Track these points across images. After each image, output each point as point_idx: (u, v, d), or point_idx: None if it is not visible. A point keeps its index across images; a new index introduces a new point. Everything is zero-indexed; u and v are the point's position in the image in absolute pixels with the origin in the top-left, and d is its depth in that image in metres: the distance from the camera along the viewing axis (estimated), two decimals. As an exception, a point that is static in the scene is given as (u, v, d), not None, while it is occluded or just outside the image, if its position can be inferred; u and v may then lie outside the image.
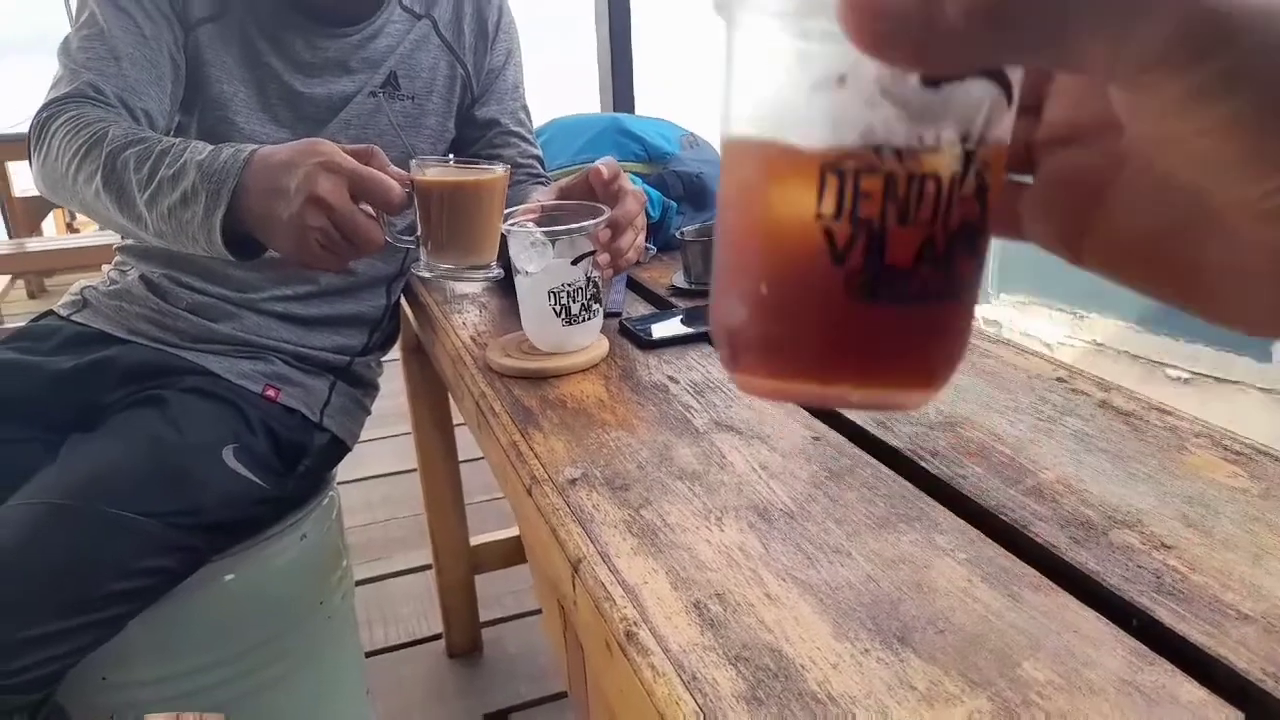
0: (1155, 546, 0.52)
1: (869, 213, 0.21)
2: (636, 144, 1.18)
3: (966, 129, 0.21)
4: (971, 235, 0.22)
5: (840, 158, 0.21)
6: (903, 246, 0.22)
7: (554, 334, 0.80)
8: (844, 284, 0.22)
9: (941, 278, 0.22)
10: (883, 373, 0.23)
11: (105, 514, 0.84)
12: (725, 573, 0.51)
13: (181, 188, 0.77)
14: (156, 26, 0.94)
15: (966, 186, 0.21)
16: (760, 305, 0.23)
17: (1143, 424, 0.66)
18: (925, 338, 0.23)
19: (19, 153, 3.25)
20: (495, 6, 1.12)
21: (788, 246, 0.22)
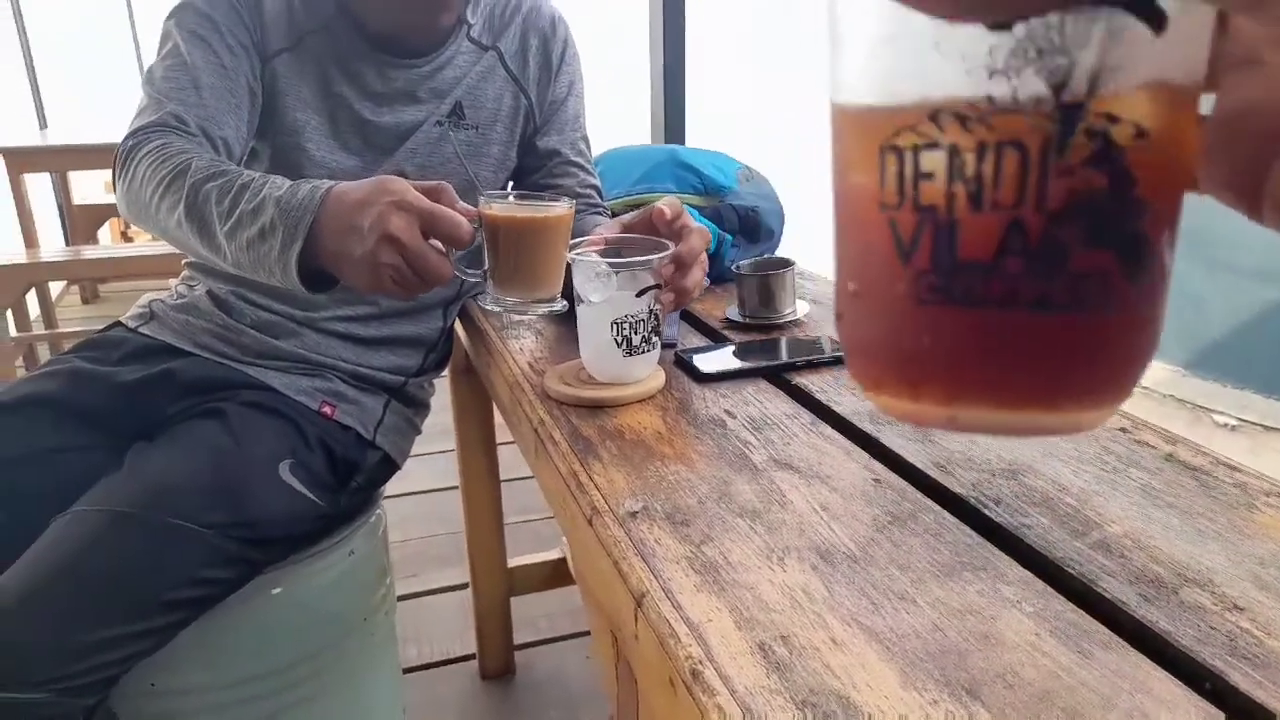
0: (1228, 608, 0.51)
1: (932, 197, 0.18)
2: (694, 176, 1.20)
3: (1062, 77, 0.16)
4: (1098, 218, 0.17)
5: (896, 131, 0.18)
6: (979, 237, 0.17)
7: (614, 364, 0.81)
8: (914, 286, 0.18)
9: (1045, 278, 0.17)
10: (975, 393, 0.19)
11: (167, 524, 0.86)
12: (789, 614, 0.51)
13: (260, 222, 0.80)
14: (236, 58, 0.98)
15: (1074, 152, 0.17)
16: (850, 307, 0.20)
17: (1211, 479, 0.65)
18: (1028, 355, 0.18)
19: (81, 162, 3.35)
20: (560, 40, 1.15)
21: (864, 240, 0.19)
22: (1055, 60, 0.16)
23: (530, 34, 1.13)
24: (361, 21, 1.03)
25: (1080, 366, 0.18)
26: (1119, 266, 0.17)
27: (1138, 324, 0.18)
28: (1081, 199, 0.17)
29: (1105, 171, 0.17)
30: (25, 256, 2.80)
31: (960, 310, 0.18)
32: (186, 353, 1.05)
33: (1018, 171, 0.17)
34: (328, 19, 1.03)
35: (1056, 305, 0.17)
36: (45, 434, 0.97)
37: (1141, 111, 0.17)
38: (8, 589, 0.81)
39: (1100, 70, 0.16)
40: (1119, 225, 0.17)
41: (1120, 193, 0.17)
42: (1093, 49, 0.16)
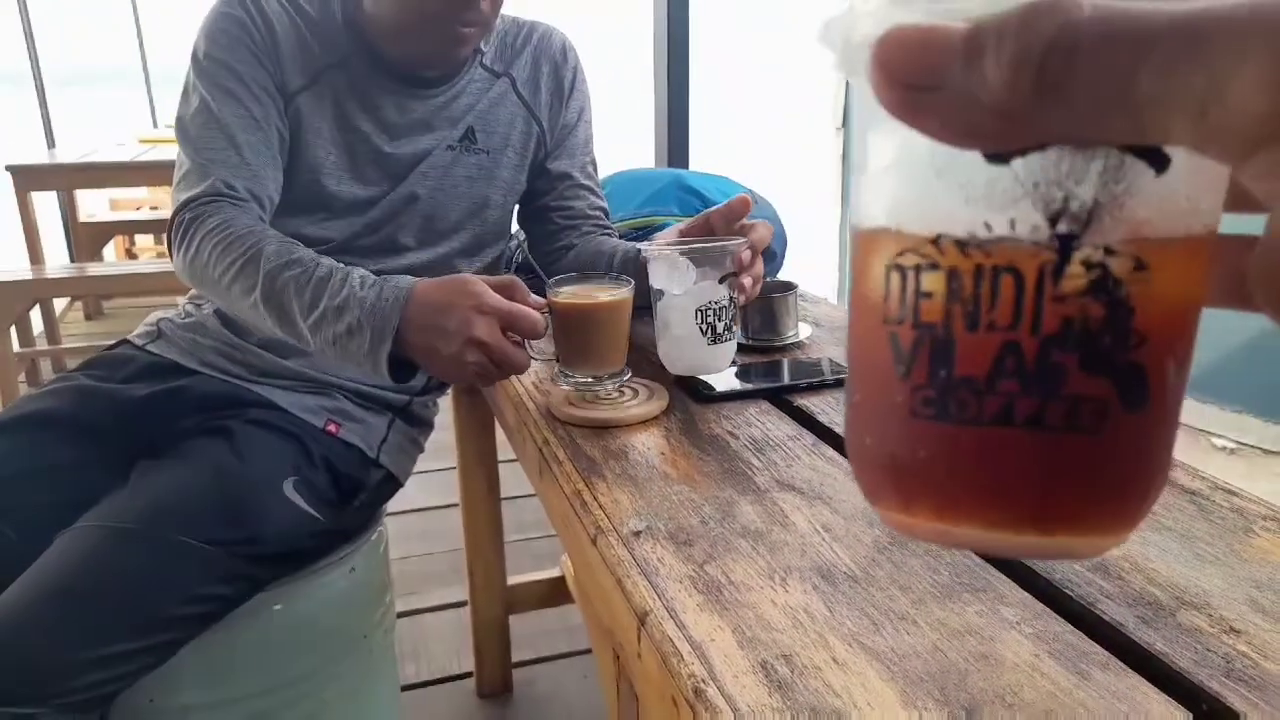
0: (1225, 630, 0.52)
1: (931, 315, 0.18)
2: (698, 200, 1.21)
3: (1058, 209, 0.17)
4: (1093, 346, 0.17)
5: (900, 251, 0.18)
6: (974, 356, 0.18)
7: (698, 354, 0.83)
8: (909, 399, 0.19)
9: (1038, 399, 0.18)
10: (965, 511, 0.19)
11: (171, 540, 0.86)
12: (791, 634, 0.51)
13: (346, 321, 0.83)
14: (264, 106, 1.00)
15: (1069, 282, 0.17)
16: (855, 414, 0.21)
17: (1209, 504, 0.66)
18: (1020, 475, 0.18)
19: (87, 180, 3.38)
20: (571, 67, 1.17)
21: (868, 352, 0.20)
22: (1051, 193, 0.17)
23: (542, 61, 1.15)
24: (379, 54, 1.05)
25: (1073, 490, 0.18)
26: (1116, 393, 0.18)
27: (1135, 451, 0.19)
28: (1077, 326, 0.17)
29: (1102, 301, 0.17)
30: (30, 272, 2.82)
31: (953, 427, 0.18)
32: (193, 371, 1.06)
33: (1013, 296, 0.17)
34: (345, 53, 1.04)
35: (1049, 427, 0.18)
36: (51, 451, 0.98)
37: (1143, 246, 0.17)
38: (11, 604, 0.82)
39: (1098, 205, 0.17)
40: (1116, 353, 0.17)
41: (1118, 324, 0.17)
42: (1090, 184, 0.17)
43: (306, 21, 1.03)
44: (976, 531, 0.19)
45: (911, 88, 0.16)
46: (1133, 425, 0.18)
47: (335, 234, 1.06)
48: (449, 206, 1.10)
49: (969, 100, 0.15)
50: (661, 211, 1.22)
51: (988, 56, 0.15)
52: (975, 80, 0.15)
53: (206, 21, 1.01)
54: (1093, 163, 0.16)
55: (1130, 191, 0.17)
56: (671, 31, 1.82)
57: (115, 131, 4.24)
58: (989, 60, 0.15)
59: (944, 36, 0.15)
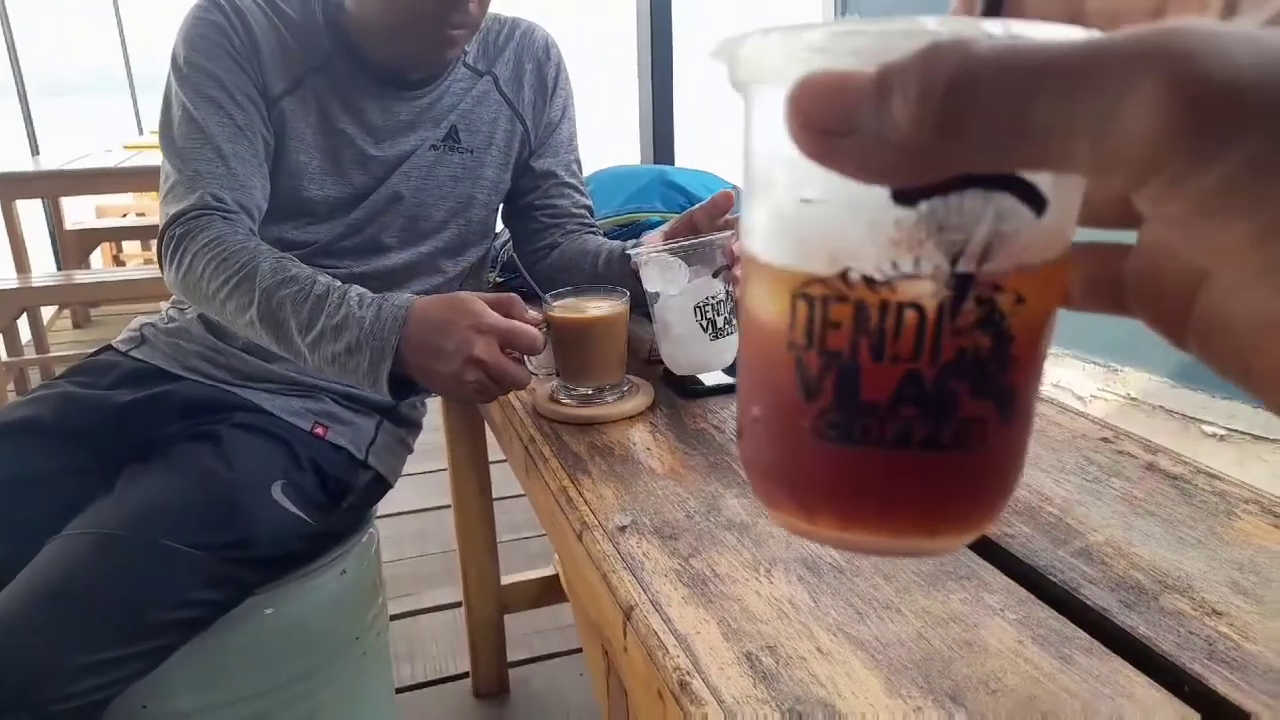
0: (1207, 613, 0.52)
1: (837, 344, 0.19)
2: (682, 196, 1.21)
3: (957, 250, 0.18)
4: (981, 373, 0.19)
5: (808, 282, 0.19)
6: (878, 384, 0.19)
7: (700, 351, 0.83)
8: (814, 421, 0.20)
9: (934, 422, 0.19)
10: (865, 521, 0.21)
11: (159, 545, 0.86)
12: (776, 625, 0.52)
13: (345, 340, 0.84)
14: (247, 113, 0.99)
15: (964, 316, 0.18)
16: (751, 431, 0.22)
17: (1191, 488, 0.66)
18: (914, 490, 0.20)
19: (72, 187, 3.36)
20: (554, 64, 1.16)
21: (770, 373, 0.21)
22: (953, 235, 0.18)
23: (525, 59, 1.15)
24: (362, 55, 1.04)
25: (959, 499, 0.20)
26: (996, 413, 0.19)
27: (1008, 459, 0.21)
28: (969, 357, 0.19)
29: (990, 334, 0.19)
30: (17, 281, 2.80)
31: (857, 447, 0.20)
32: (178, 376, 1.06)
33: (915, 330, 0.18)
34: (327, 55, 1.04)
35: (943, 446, 0.19)
36: (37, 458, 0.97)
37: (1022, 281, 0.18)
38: (1, 612, 0.81)
39: (990, 245, 0.18)
40: (998, 378, 0.19)
41: (1001, 351, 0.19)
42: (985, 226, 0.18)
43: (286, 24, 1.03)
44: (873, 538, 0.21)
45: (828, 132, 0.16)
46: (1006, 436, 0.20)
47: (318, 236, 1.06)
48: (432, 206, 1.10)
49: (880, 141, 0.16)
50: (645, 208, 1.22)
51: (895, 97, 0.15)
52: (885, 121, 0.15)
53: (185, 26, 1.00)
54: (988, 206, 0.18)
55: (1016, 232, 0.18)
56: (655, 27, 1.82)
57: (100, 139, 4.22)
58: (896, 100, 0.15)
59: (856, 81, 0.16)
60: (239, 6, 1.00)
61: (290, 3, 1.04)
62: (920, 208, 0.18)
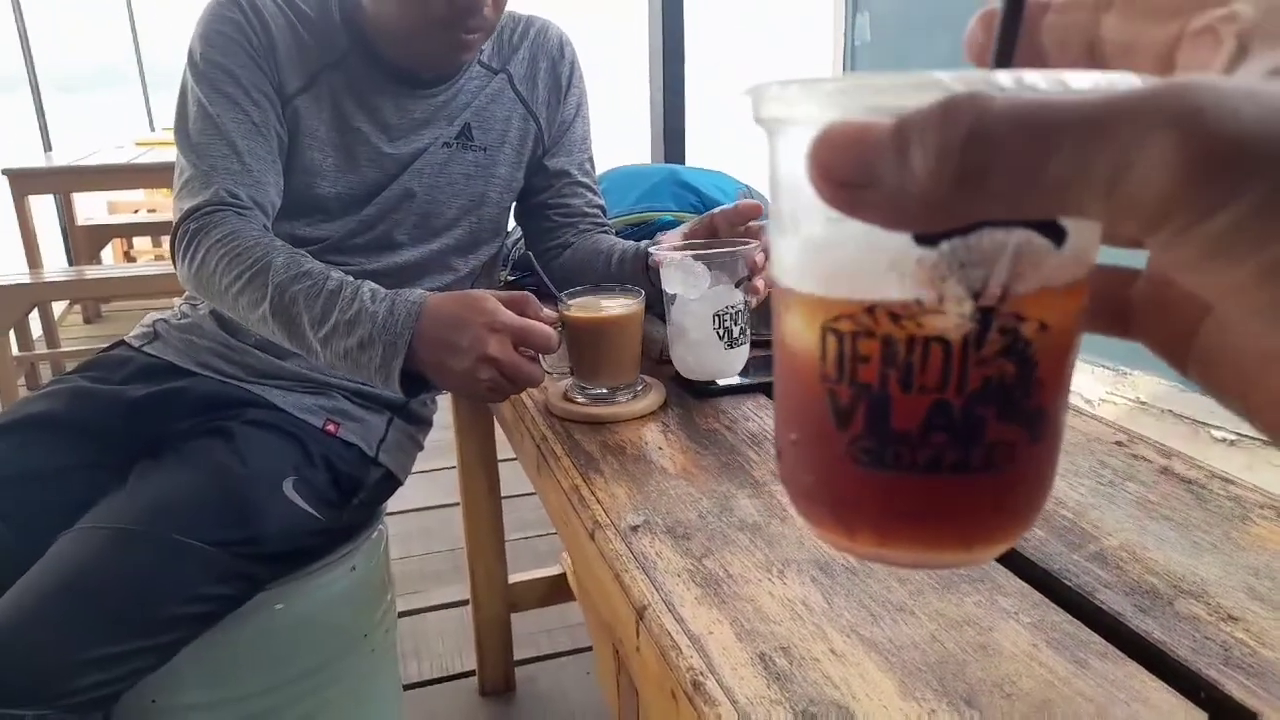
0: (1222, 618, 0.52)
1: (867, 377, 0.20)
2: (693, 195, 1.21)
3: (979, 286, 0.19)
4: (1007, 399, 0.20)
5: (837, 317, 0.20)
6: (908, 414, 0.20)
7: (715, 358, 0.83)
8: (848, 448, 0.21)
9: (964, 448, 0.20)
10: (903, 539, 0.22)
11: (172, 540, 0.86)
12: (789, 626, 0.52)
13: (358, 335, 0.84)
14: (262, 110, 0.99)
15: (989, 347, 0.19)
16: (791, 453, 0.23)
17: (1205, 492, 0.66)
18: (949, 510, 0.21)
19: (84, 183, 3.38)
20: (568, 62, 1.16)
21: (805, 400, 0.21)
22: (974, 272, 0.19)
23: (539, 57, 1.15)
24: (378, 54, 1.04)
25: (992, 515, 0.21)
26: (1024, 434, 0.20)
27: (1038, 474, 0.21)
28: (994, 384, 0.19)
29: (1014, 361, 0.19)
30: (29, 276, 2.81)
31: (890, 472, 0.20)
32: (190, 372, 1.06)
33: (942, 362, 0.19)
34: (343, 52, 1.04)
35: (973, 469, 0.20)
36: (49, 453, 0.98)
37: (1044, 309, 0.19)
38: (12, 605, 0.82)
39: (1011, 279, 0.19)
40: (1025, 402, 0.20)
41: (1026, 376, 0.20)
42: (1005, 262, 0.18)
43: (303, 21, 1.03)
44: (909, 553, 0.22)
45: (848, 184, 0.17)
46: (1035, 454, 0.21)
47: (330, 233, 1.06)
48: (445, 203, 1.10)
49: (900, 191, 0.16)
50: (657, 207, 1.22)
51: (913, 150, 0.16)
52: (904, 173, 0.16)
53: (202, 23, 1.00)
54: (1008, 244, 0.18)
55: (1037, 264, 0.19)
56: (666, 27, 1.82)
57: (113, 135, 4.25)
58: (915, 154, 0.16)
59: (874, 134, 0.16)
60: (256, 4, 1.00)
61: (308, 0, 1.04)
62: (941, 247, 0.18)
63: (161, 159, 3.48)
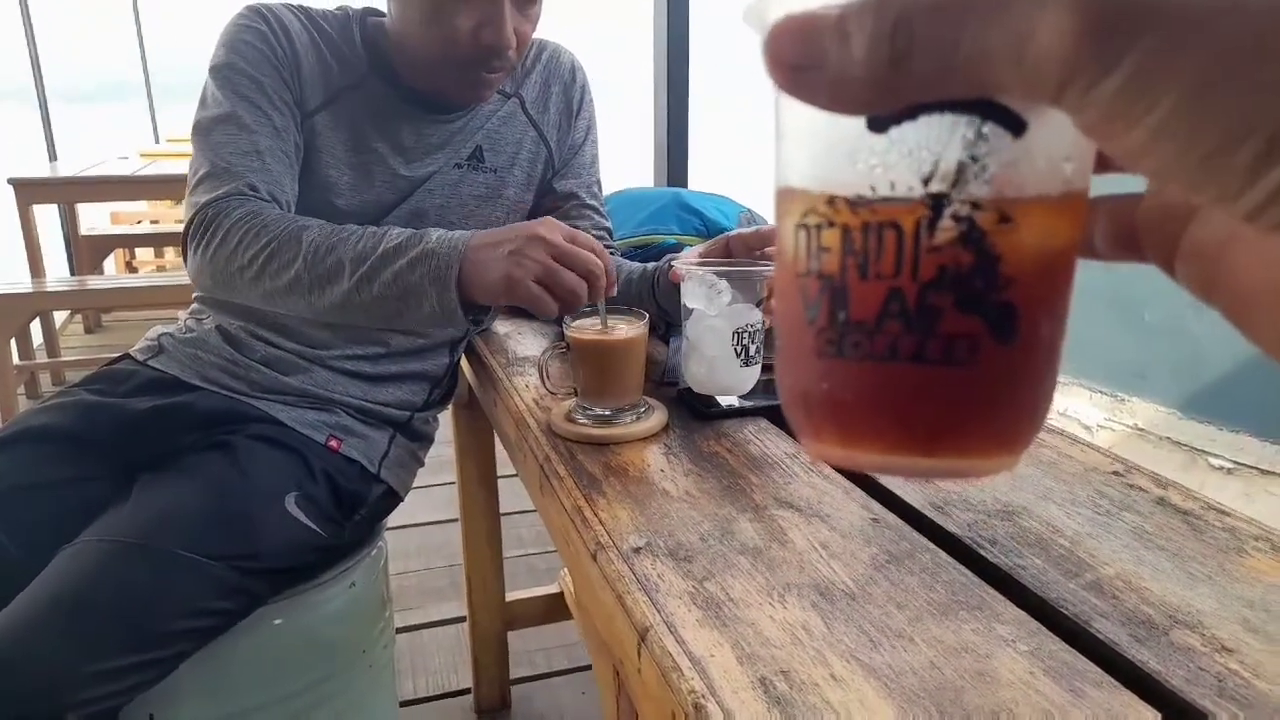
0: (1217, 649, 0.53)
1: (830, 267, 0.21)
2: (696, 218, 1.23)
3: (928, 171, 0.19)
4: (966, 289, 0.20)
5: (806, 212, 0.21)
6: (864, 301, 0.20)
7: (731, 375, 0.84)
8: (815, 342, 0.21)
9: (919, 336, 0.20)
10: (865, 436, 0.22)
11: (175, 555, 0.87)
12: (790, 650, 0.52)
13: (409, 255, 0.87)
14: (284, 117, 1.00)
15: (942, 234, 0.19)
16: (779, 360, 0.24)
17: (1201, 524, 0.67)
18: (907, 403, 0.21)
19: (88, 194, 3.39)
20: (579, 86, 1.18)
21: (788, 301, 0.22)
22: (922, 158, 0.19)
23: (551, 81, 1.16)
24: (397, 78, 1.06)
25: (953, 415, 0.21)
26: (987, 330, 0.20)
27: (1008, 380, 0.21)
28: (950, 272, 0.20)
29: (971, 250, 0.20)
30: (31, 285, 2.83)
31: (848, 363, 0.21)
32: (194, 386, 1.07)
33: (895, 247, 0.20)
34: (363, 75, 1.05)
35: (930, 360, 0.20)
36: (53, 465, 0.98)
37: (1006, 202, 0.19)
38: (14, 619, 0.82)
39: (963, 166, 0.19)
40: (986, 294, 0.20)
41: (986, 269, 0.20)
42: (955, 149, 0.19)
43: (326, 41, 1.05)
44: (876, 456, 0.22)
45: (797, 68, 0.18)
46: (1005, 357, 0.20)
47: None
48: (455, 224, 1.11)
49: (842, 74, 0.18)
50: (662, 230, 1.23)
51: (853, 36, 0.18)
52: (846, 58, 0.18)
53: (227, 34, 1.02)
54: (956, 129, 0.19)
55: (992, 154, 0.19)
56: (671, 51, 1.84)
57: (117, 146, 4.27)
58: (854, 39, 0.17)
59: (820, 22, 0.18)
60: (281, 19, 1.02)
61: (330, 21, 1.06)
62: (891, 133, 0.19)
63: (165, 171, 3.50)
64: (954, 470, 0.22)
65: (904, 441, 0.21)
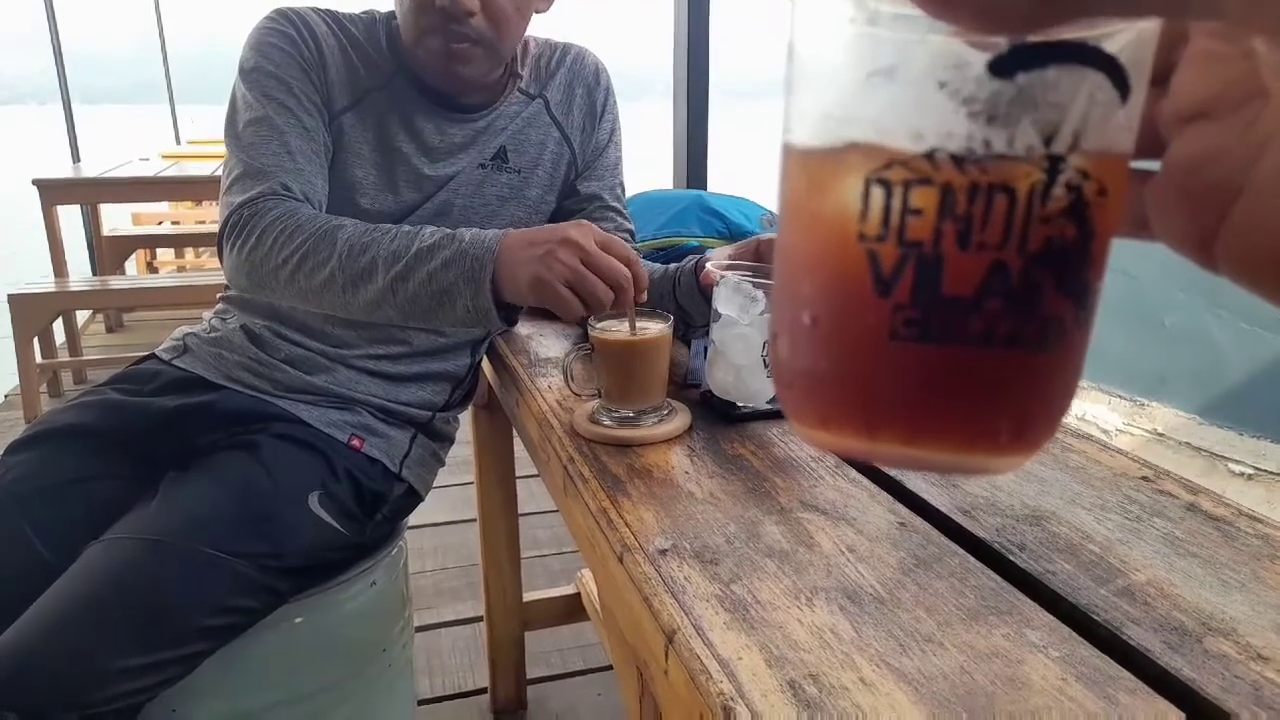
0: (1252, 657, 0.52)
1: (920, 233, 0.18)
2: (719, 221, 1.22)
3: (1052, 129, 0.17)
4: (1066, 266, 0.18)
5: (886, 165, 0.18)
6: (963, 276, 0.18)
7: (756, 383, 0.84)
8: (890, 319, 0.18)
9: (1019, 318, 0.18)
10: (939, 431, 0.19)
11: (200, 552, 0.88)
12: (819, 654, 0.52)
13: (442, 256, 0.88)
14: (313, 118, 1.02)
15: (1054, 202, 0.17)
16: (805, 338, 0.20)
17: (1233, 530, 0.66)
18: (994, 393, 0.19)
19: (110, 195, 3.43)
20: (603, 89, 1.19)
21: (831, 271, 0.19)
22: (1049, 114, 0.17)
23: (575, 84, 1.17)
24: (421, 78, 1.07)
25: (1033, 404, 0.19)
26: (1075, 311, 0.18)
27: (1076, 364, 0.19)
28: (1056, 246, 0.18)
29: (1075, 223, 0.18)
30: (55, 285, 2.86)
31: (936, 345, 0.18)
32: (219, 386, 1.07)
33: (1005, 215, 0.17)
34: (389, 75, 1.06)
35: (1025, 345, 0.18)
36: (79, 463, 0.99)
37: (1104, 170, 0.18)
38: (42, 615, 0.83)
39: (1083, 128, 0.17)
40: (1080, 273, 0.18)
41: (1084, 244, 0.18)
42: (1079, 107, 0.17)
43: (352, 43, 1.06)
44: (941, 455, 0.19)
45: None
46: (1079, 340, 0.19)
47: None
48: (477, 224, 1.11)
49: None
50: (684, 232, 1.23)
51: None
52: None
53: (254, 37, 1.03)
54: (1082, 85, 0.17)
55: (1104, 119, 0.17)
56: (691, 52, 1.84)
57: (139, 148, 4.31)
58: None
59: None
60: (308, 22, 1.03)
61: (356, 23, 1.07)
62: (1019, 79, 0.17)
63: (187, 173, 3.53)
64: (1000, 467, 0.20)
65: (975, 437, 0.19)
